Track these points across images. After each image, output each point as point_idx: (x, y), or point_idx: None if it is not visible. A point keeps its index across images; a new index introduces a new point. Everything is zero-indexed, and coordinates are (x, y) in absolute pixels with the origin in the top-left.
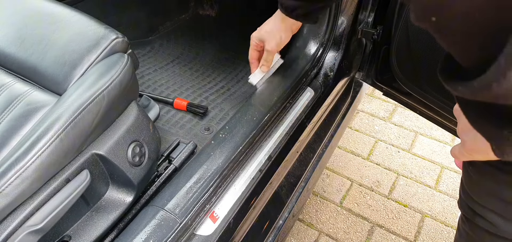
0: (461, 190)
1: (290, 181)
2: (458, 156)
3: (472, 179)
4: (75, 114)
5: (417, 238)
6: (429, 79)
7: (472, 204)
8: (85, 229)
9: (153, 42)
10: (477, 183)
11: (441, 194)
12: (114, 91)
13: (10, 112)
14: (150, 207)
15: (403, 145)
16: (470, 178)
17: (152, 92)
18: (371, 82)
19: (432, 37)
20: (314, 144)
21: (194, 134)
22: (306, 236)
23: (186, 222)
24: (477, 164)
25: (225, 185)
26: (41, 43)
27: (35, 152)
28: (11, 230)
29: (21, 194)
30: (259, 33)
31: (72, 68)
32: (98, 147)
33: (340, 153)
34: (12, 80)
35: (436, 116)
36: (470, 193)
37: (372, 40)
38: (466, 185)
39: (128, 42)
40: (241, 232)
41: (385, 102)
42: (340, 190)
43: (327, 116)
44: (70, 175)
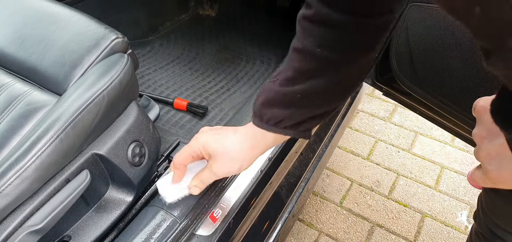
0: (480, 209)
1: (290, 181)
2: (480, 182)
3: (495, 204)
4: (75, 114)
5: (417, 238)
6: (429, 79)
7: (492, 226)
8: (85, 229)
9: (153, 42)
10: (500, 209)
11: (441, 194)
12: (114, 91)
13: (10, 112)
14: (150, 207)
15: (403, 145)
16: (492, 202)
17: (152, 92)
18: (371, 82)
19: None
20: (314, 144)
21: (194, 133)
22: (306, 236)
23: (186, 222)
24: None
25: (225, 185)
26: (41, 43)
27: (35, 152)
28: (11, 230)
29: (21, 194)
30: (211, 143)
31: (72, 68)
32: (98, 147)
33: (340, 153)
34: (12, 80)
35: (436, 116)
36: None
37: None
38: (486, 208)
39: (128, 42)
40: (241, 232)
41: (385, 102)
42: (340, 190)
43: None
44: (70, 175)
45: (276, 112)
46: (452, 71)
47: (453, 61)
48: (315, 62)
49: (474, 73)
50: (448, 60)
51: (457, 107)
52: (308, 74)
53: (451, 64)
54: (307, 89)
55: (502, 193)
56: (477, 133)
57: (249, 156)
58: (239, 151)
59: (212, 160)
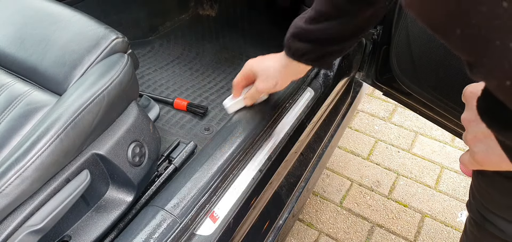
0: (471, 195)
1: (290, 181)
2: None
3: (483, 187)
4: (75, 114)
5: (417, 238)
6: (429, 79)
7: (482, 210)
8: (85, 229)
9: (153, 42)
10: (487, 191)
11: (441, 194)
12: (114, 91)
13: (10, 112)
14: (150, 207)
15: (403, 145)
16: (480, 186)
17: (152, 92)
18: (371, 82)
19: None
20: (314, 144)
21: (194, 134)
22: (306, 236)
23: (186, 222)
24: (487, 174)
25: (225, 185)
26: (41, 43)
27: (35, 152)
28: (11, 230)
29: (21, 194)
30: (255, 65)
31: (72, 68)
32: (98, 147)
33: (340, 153)
34: (12, 80)
35: (436, 116)
36: (481, 199)
37: (372, 40)
38: (476, 192)
39: (128, 42)
40: (241, 232)
41: (385, 102)
42: (340, 190)
43: (327, 116)
44: (70, 175)
45: (301, 46)
46: (452, 71)
47: (453, 61)
48: (332, 7)
49: None
50: (448, 60)
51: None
52: (326, 16)
53: (451, 64)
54: (326, 29)
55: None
56: (465, 117)
57: (282, 75)
58: (274, 70)
59: (256, 79)
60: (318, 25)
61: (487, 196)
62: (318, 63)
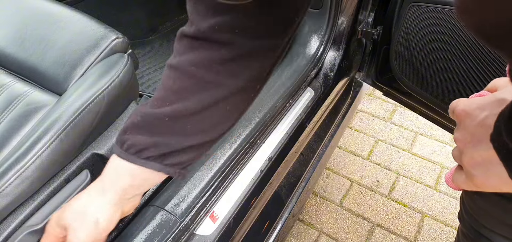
0: (463, 211)
1: (290, 181)
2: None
3: (479, 205)
4: (75, 114)
5: (417, 238)
6: (429, 79)
7: (478, 227)
8: None
9: (153, 42)
10: (484, 209)
11: (441, 194)
12: (114, 91)
13: (10, 112)
14: (150, 207)
15: (403, 145)
16: (475, 204)
17: (152, 92)
18: (371, 82)
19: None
20: (314, 144)
21: None
22: (306, 236)
23: (186, 222)
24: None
25: (225, 185)
26: (41, 43)
27: (35, 152)
28: (11, 230)
29: (21, 194)
30: (62, 215)
31: (72, 69)
32: (98, 147)
33: (340, 153)
34: (12, 80)
35: (436, 116)
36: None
37: (372, 40)
38: (470, 209)
39: (128, 42)
40: (241, 232)
41: (385, 102)
42: (340, 190)
43: (327, 117)
44: (70, 175)
45: (140, 139)
46: (452, 70)
47: (453, 60)
48: (188, 81)
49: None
50: (448, 60)
51: None
52: (179, 94)
53: (451, 64)
54: (177, 111)
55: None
56: (460, 138)
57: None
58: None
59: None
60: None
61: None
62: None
